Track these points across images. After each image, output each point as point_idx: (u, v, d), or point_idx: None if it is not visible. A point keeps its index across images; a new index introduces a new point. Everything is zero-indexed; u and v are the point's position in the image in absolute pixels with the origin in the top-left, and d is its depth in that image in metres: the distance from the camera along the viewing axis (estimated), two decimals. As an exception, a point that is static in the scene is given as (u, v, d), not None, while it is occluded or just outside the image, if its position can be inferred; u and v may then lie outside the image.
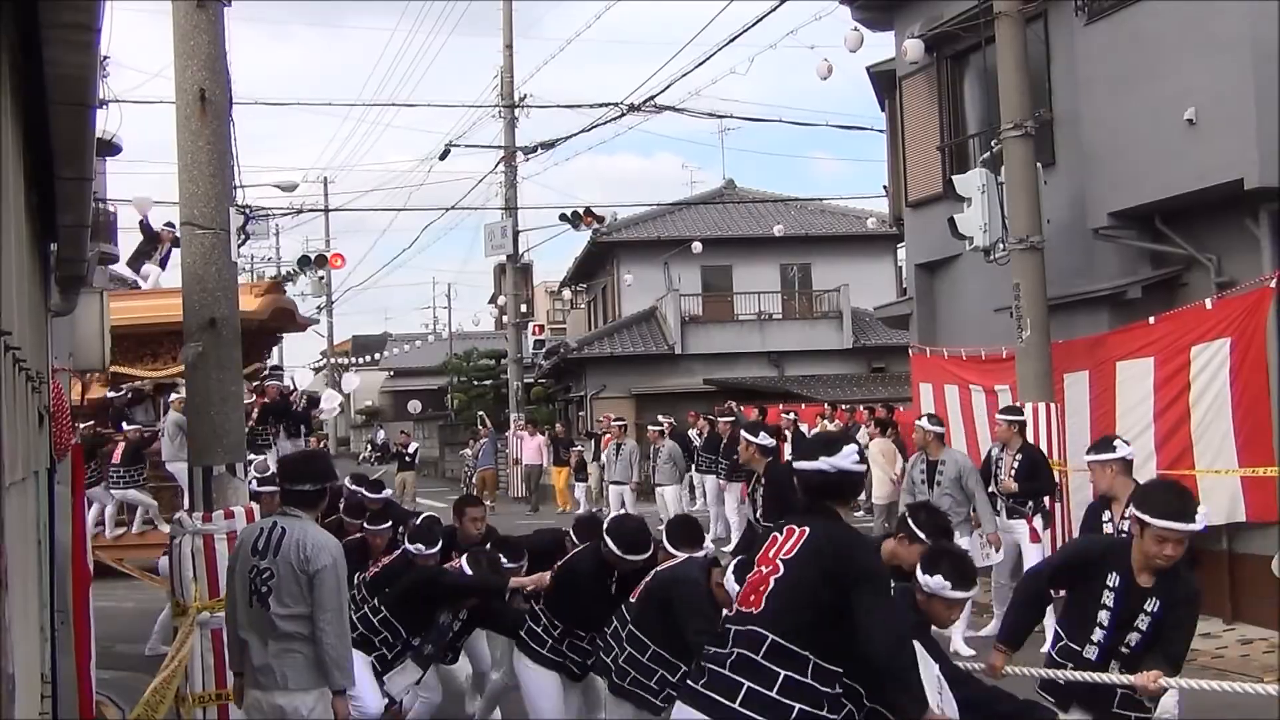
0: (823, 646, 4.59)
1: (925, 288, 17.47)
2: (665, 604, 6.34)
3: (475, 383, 49.90)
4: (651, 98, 24.74)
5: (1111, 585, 5.69)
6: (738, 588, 5.22)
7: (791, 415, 22.53)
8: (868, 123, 26.52)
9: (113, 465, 17.83)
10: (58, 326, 8.98)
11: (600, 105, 27.11)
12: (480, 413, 36.41)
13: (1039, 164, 12.51)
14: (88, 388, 15.81)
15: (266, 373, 18.92)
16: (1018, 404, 12.16)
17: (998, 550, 11.27)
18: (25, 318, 5.34)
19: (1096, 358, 12.77)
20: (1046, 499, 11.47)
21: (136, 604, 15.18)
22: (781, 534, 4.83)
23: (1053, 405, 12.02)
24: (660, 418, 22.26)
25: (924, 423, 11.92)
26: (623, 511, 12.81)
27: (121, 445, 17.75)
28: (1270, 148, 11.41)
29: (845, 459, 4.83)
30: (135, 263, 19.33)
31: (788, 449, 19.78)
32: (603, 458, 22.55)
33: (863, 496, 21.17)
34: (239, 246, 8.60)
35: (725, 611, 5.66)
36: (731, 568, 6.02)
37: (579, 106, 44.36)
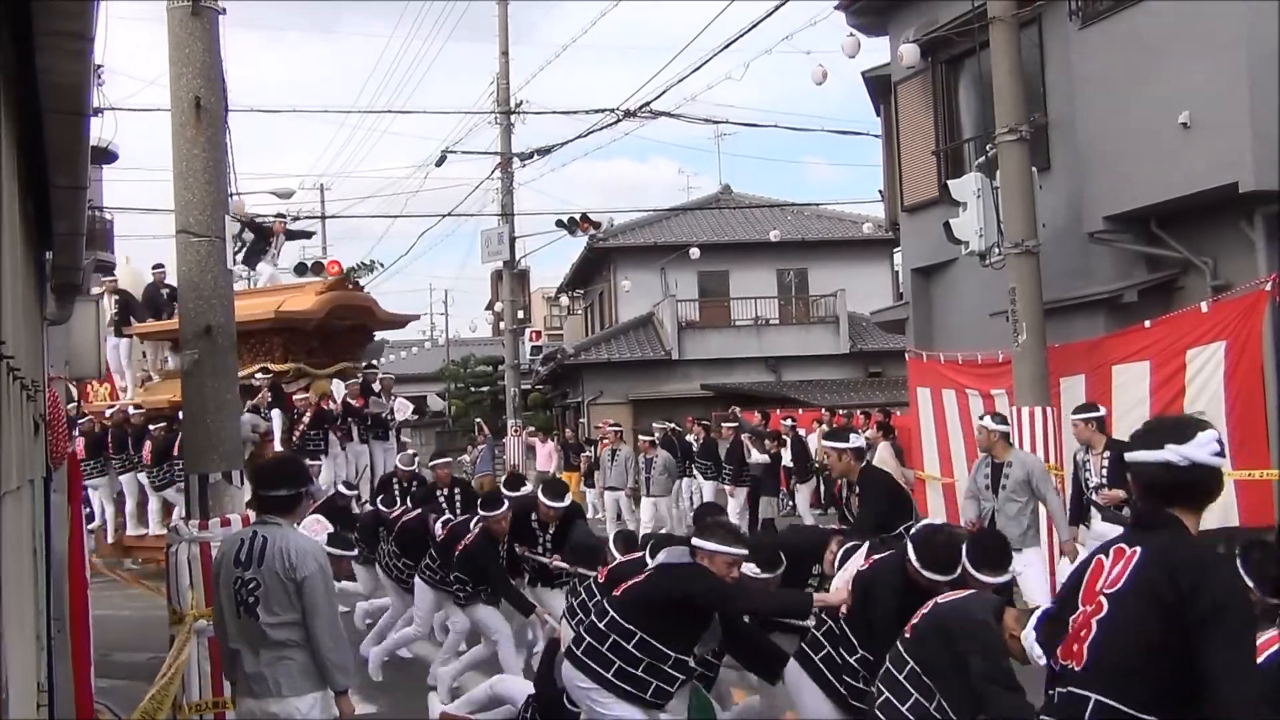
0: (1167, 710, 3.52)
1: (921, 292, 17.49)
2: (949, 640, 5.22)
3: (472, 389, 49.89)
4: (647, 103, 24.76)
5: None
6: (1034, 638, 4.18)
7: (790, 421, 22.49)
8: (863, 128, 26.64)
9: (144, 466, 17.94)
10: (53, 335, 8.96)
11: (597, 111, 27.12)
12: (478, 419, 36.42)
13: (1034, 168, 12.53)
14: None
15: (361, 374, 18.72)
16: (1092, 401, 11.32)
17: (1073, 560, 9.92)
18: (20, 326, 5.33)
19: (1092, 361, 12.78)
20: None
21: (134, 611, 15.16)
22: (1108, 558, 3.74)
23: (1049, 409, 12.02)
24: (655, 425, 22.11)
25: (988, 421, 10.66)
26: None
27: (148, 445, 17.85)
28: (1265, 151, 11.44)
29: (1201, 449, 3.67)
30: (250, 260, 20.33)
31: (787, 454, 19.84)
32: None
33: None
34: (236, 254, 8.62)
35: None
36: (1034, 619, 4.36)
37: (575, 113, 44.49)
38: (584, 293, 45.13)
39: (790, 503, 21.30)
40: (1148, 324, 12.36)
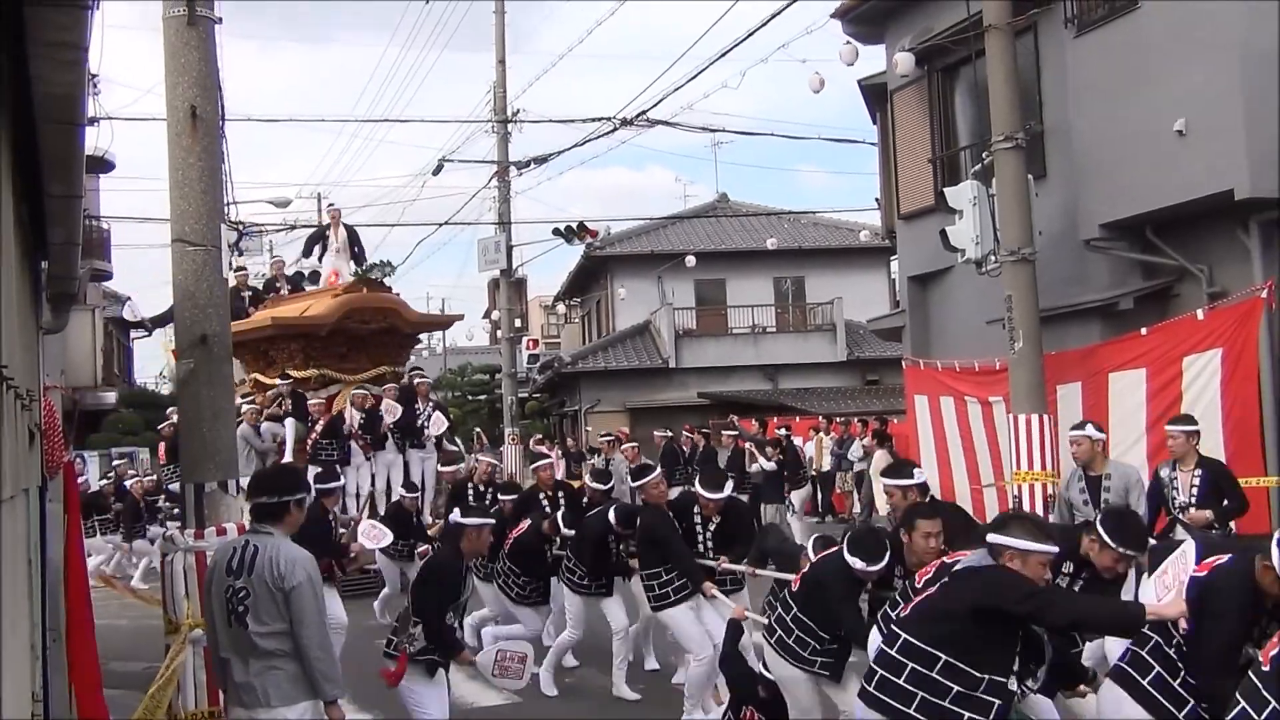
0: None
1: (918, 300, 17.50)
2: None
3: (469, 398, 49.87)
4: (644, 112, 24.69)
5: None
6: None
7: (785, 429, 22.48)
8: (859, 136, 26.61)
9: (162, 465, 18.25)
10: (49, 344, 8.95)
11: (593, 120, 27.05)
12: (476, 429, 36.37)
13: (1030, 176, 12.53)
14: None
15: (404, 377, 18.31)
16: (1189, 413, 10.64)
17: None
18: (15, 335, 5.33)
19: (1089, 369, 12.78)
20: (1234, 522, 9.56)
21: (131, 621, 15.14)
22: None
23: (1045, 417, 12.02)
24: (656, 434, 22.04)
25: (1089, 430, 9.90)
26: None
27: (163, 446, 18.38)
28: (1260, 158, 11.46)
29: None
30: (308, 248, 20.06)
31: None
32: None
33: (858, 509, 21.22)
34: (232, 263, 8.61)
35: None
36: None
37: (572, 121, 44.42)
38: (581, 301, 45.15)
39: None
40: (1144, 331, 12.37)
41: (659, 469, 10.33)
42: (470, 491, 13.01)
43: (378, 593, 14.28)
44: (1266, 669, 4.43)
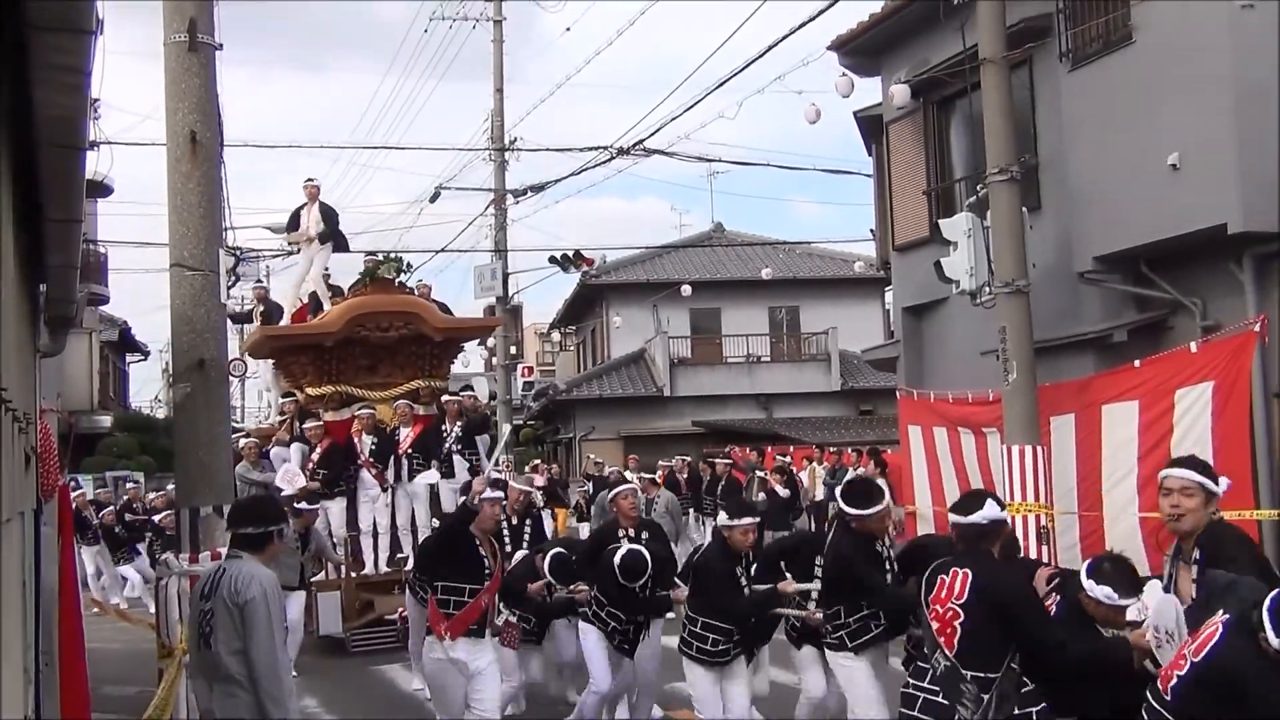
0: None
1: (912, 331, 17.50)
2: None
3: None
4: (641, 141, 24.76)
5: None
6: None
7: (785, 459, 22.52)
8: (855, 167, 26.70)
9: None
10: (46, 367, 8.94)
11: (590, 149, 27.11)
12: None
13: (1024, 208, 12.55)
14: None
15: (450, 390, 16.48)
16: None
17: None
18: (12, 358, 5.32)
19: (1082, 401, 12.78)
20: None
21: (124, 645, 15.07)
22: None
23: (1039, 448, 12.01)
24: (661, 463, 21.95)
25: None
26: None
27: None
28: (1254, 192, 11.49)
29: None
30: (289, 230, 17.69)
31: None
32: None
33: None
34: (229, 288, 8.61)
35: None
36: None
37: (569, 150, 44.45)
38: (576, 329, 45.18)
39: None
40: (1137, 364, 12.37)
41: (634, 482, 10.54)
42: (505, 527, 11.10)
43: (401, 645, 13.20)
44: (1169, 699, 4.44)
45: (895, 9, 16.33)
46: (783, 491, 18.41)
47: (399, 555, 15.03)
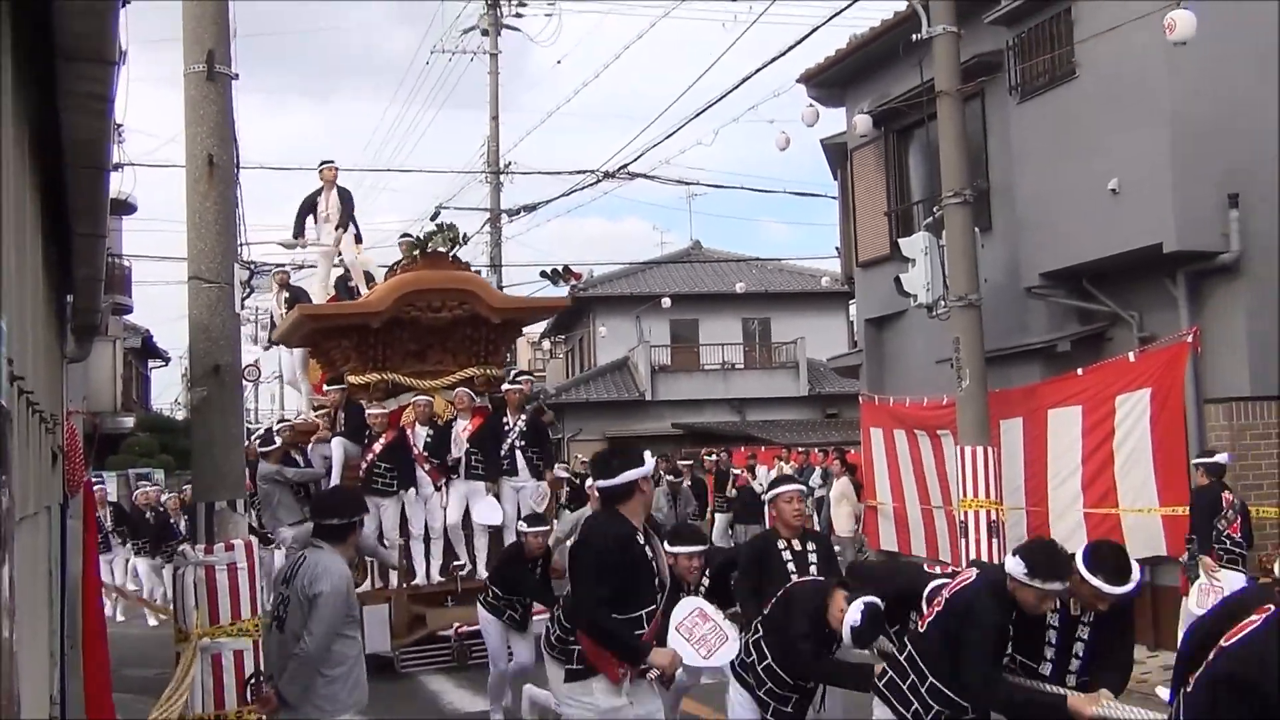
0: None
1: (874, 341, 17.51)
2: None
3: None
4: (625, 165, 24.78)
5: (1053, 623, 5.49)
6: None
7: (752, 458, 22.54)
8: (821, 190, 26.74)
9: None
10: (72, 372, 8.89)
11: (578, 172, 27.16)
12: None
13: (977, 229, 12.58)
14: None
15: (508, 381, 13.37)
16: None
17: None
18: (40, 363, 5.29)
19: (1029, 406, 12.81)
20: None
21: (142, 630, 15.00)
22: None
23: (990, 449, 12.03)
24: (680, 463, 21.49)
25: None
26: None
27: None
28: (1187, 215, 11.55)
29: None
30: (299, 225, 15.01)
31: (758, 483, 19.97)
32: None
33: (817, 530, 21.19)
34: (243, 299, 8.56)
35: None
36: None
37: (559, 173, 44.59)
38: (565, 338, 45.08)
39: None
40: (1080, 372, 12.42)
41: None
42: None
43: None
44: (1189, 690, 3.96)
45: (859, 45, 16.36)
46: (759, 487, 18.40)
47: (454, 563, 12.61)
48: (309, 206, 14.71)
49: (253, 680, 7.15)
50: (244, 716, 7.27)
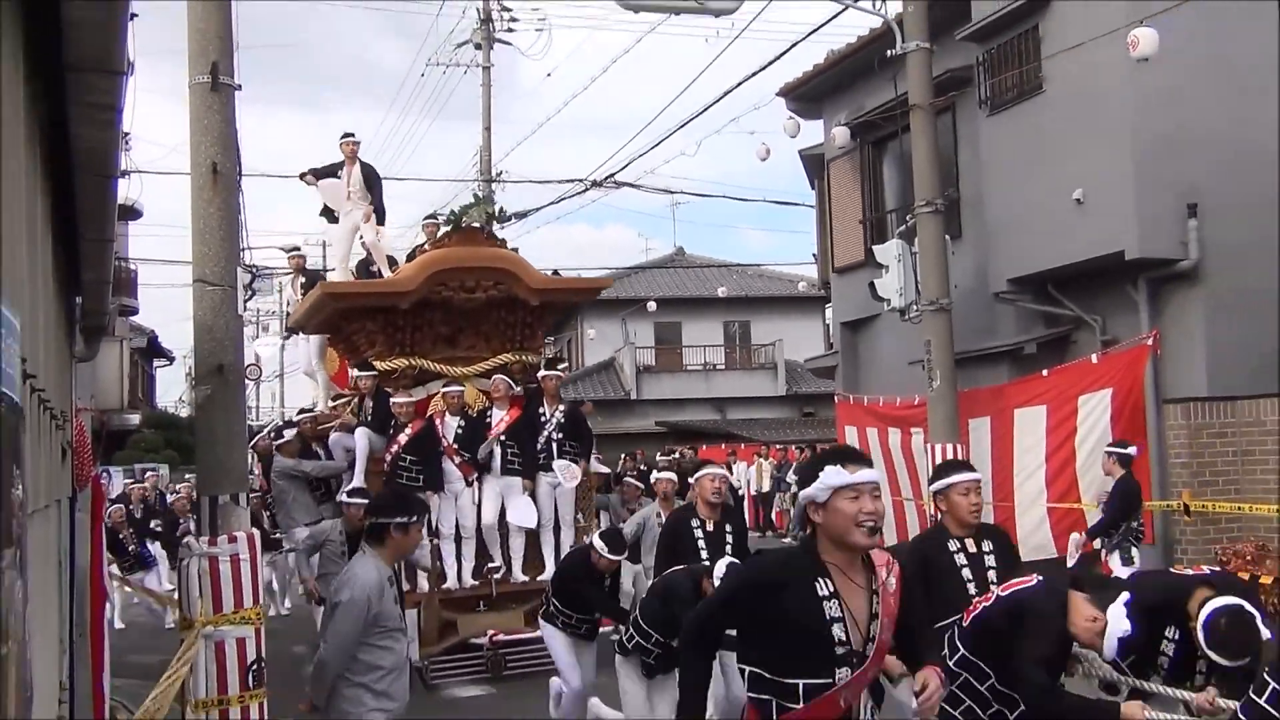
0: None
1: (849, 343, 17.55)
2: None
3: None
4: (612, 175, 24.74)
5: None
6: None
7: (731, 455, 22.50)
8: (799, 199, 26.83)
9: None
10: (81, 370, 8.85)
11: (567, 181, 27.12)
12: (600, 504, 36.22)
13: (947, 237, 12.61)
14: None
15: (539, 369, 11.80)
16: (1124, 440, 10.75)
17: None
18: (50, 362, 5.27)
19: (997, 405, 12.84)
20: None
21: (149, 619, 14.94)
22: None
23: (959, 446, 12.06)
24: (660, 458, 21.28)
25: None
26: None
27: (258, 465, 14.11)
28: (1148, 224, 11.62)
29: None
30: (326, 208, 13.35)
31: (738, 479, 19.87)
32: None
33: (793, 525, 21.17)
34: (246, 301, 8.54)
35: None
36: None
37: (549, 182, 44.52)
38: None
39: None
40: (1045, 373, 12.45)
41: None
42: (699, 533, 7.58)
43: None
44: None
45: (836, 60, 16.39)
46: (735, 483, 18.44)
47: (489, 565, 11.02)
48: (329, 176, 13.22)
49: (254, 666, 7.14)
50: (246, 700, 7.24)
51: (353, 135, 13.12)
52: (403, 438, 10.78)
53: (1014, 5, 12.88)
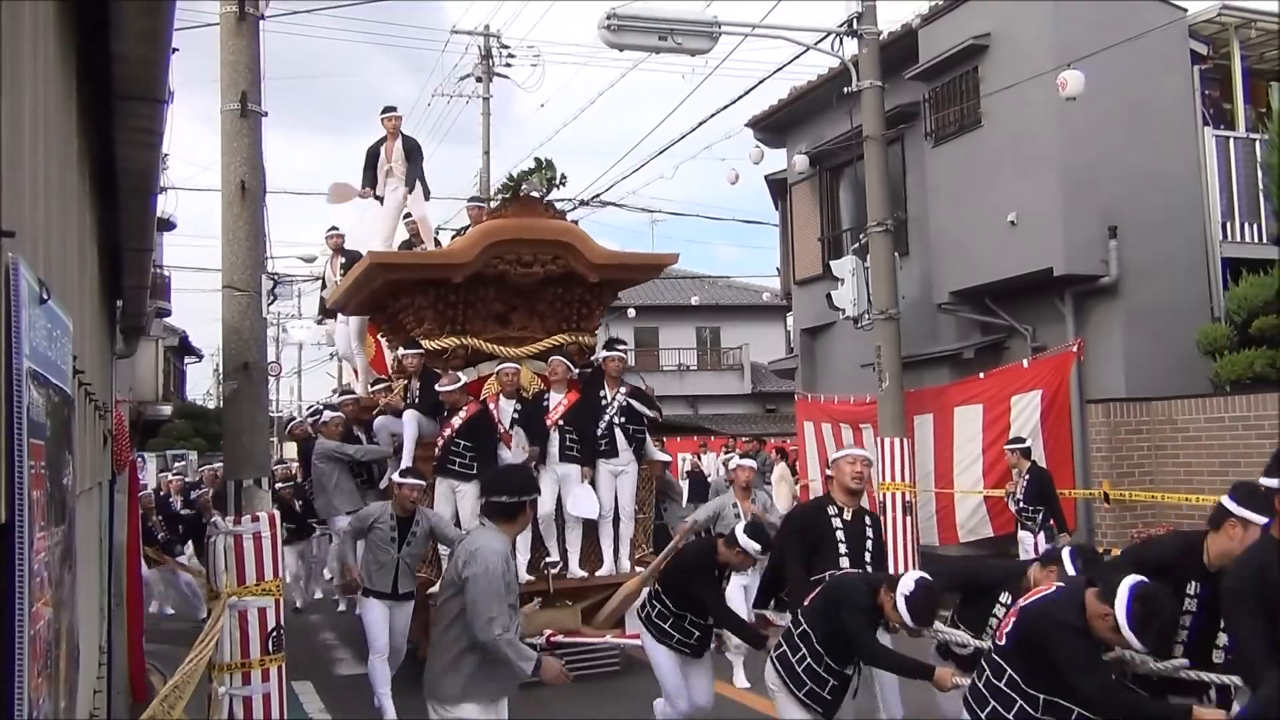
0: None
1: (808, 347, 17.59)
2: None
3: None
4: (597, 195, 24.74)
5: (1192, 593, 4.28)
6: None
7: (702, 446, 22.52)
8: (764, 218, 26.89)
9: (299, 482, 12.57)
10: (120, 367, 8.82)
11: (558, 200, 27.05)
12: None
13: (896, 253, 12.65)
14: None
15: (594, 350, 10.13)
16: (1021, 435, 10.93)
17: None
18: (95, 359, 5.27)
19: (939, 404, 12.90)
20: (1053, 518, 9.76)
21: (184, 611, 14.79)
22: None
23: (905, 440, 12.11)
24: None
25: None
26: None
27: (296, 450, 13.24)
28: (1073, 244, 11.71)
29: None
30: (367, 174, 11.82)
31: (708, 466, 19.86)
32: None
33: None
34: (268, 306, 8.48)
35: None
36: None
37: (541, 201, 44.05)
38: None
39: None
40: (982, 375, 12.52)
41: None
42: (839, 530, 6.05)
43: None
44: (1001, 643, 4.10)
45: (798, 95, 16.43)
46: (705, 469, 18.46)
47: (545, 560, 9.10)
48: (373, 156, 11.77)
49: (274, 633, 7.12)
50: (266, 664, 7.23)
51: (395, 109, 11.74)
52: (456, 421, 8.99)
53: (956, 49, 12.95)
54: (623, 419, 9.32)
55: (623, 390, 9.46)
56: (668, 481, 10.79)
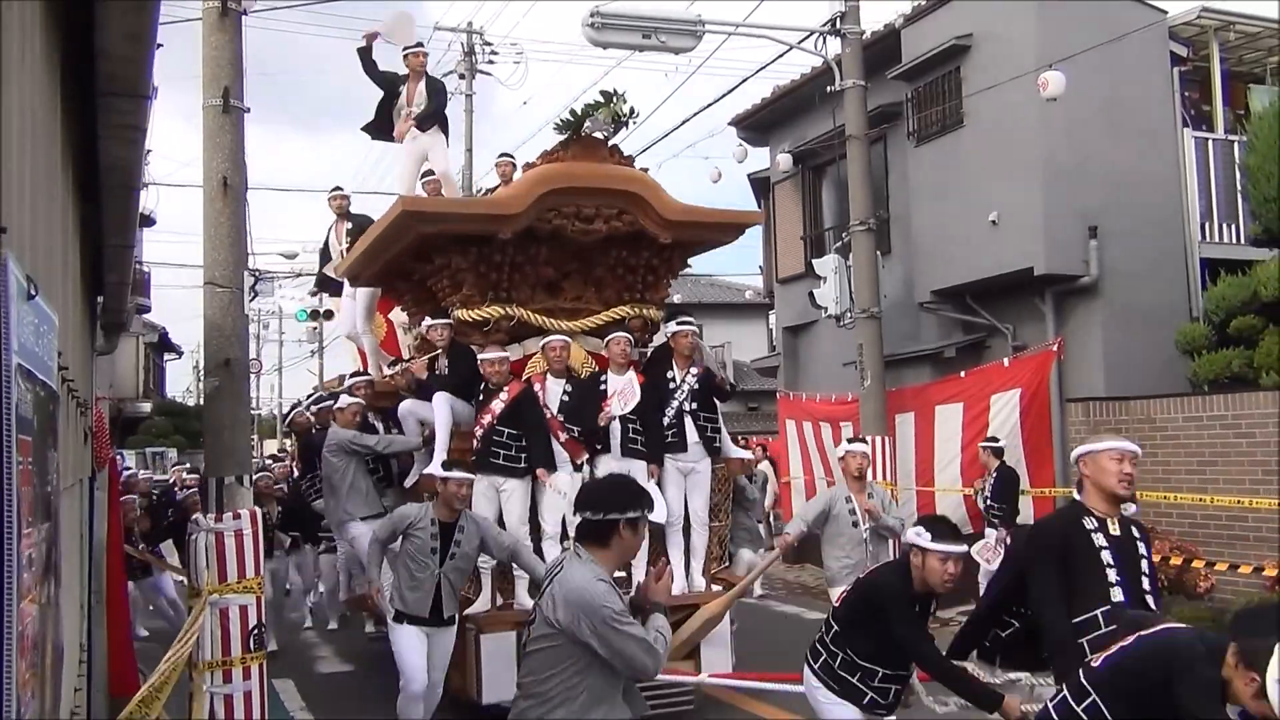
0: None
1: (790, 346, 17.63)
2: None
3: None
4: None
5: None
6: None
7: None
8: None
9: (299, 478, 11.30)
10: (101, 363, 8.79)
11: (540, 197, 26.97)
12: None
13: (878, 252, 12.71)
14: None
15: (660, 326, 8.65)
16: (994, 436, 11.00)
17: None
18: (76, 355, 5.25)
19: (920, 402, 12.96)
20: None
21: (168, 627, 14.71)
22: None
23: (887, 438, 12.18)
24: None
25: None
26: None
27: (295, 448, 12.35)
28: (1054, 244, 11.77)
29: None
30: (378, 124, 10.75)
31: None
32: None
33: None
34: (250, 302, 8.43)
35: None
36: None
37: (523, 198, 43.97)
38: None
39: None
40: (963, 374, 12.58)
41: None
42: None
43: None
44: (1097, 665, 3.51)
45: (781, 94, 16.47)
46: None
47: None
48: (390, 99, 10.58)
49: (255, 630, 7.12)
50: (247, 661, 7.22)
51: (420, 45, 10.64)
52: (497, 405, 7.47)
53: (939, 49, 13.01)
54: (694, 404, 7.78)
55: (694, 371, 7.86)
56: (740, 486, 9.44)
